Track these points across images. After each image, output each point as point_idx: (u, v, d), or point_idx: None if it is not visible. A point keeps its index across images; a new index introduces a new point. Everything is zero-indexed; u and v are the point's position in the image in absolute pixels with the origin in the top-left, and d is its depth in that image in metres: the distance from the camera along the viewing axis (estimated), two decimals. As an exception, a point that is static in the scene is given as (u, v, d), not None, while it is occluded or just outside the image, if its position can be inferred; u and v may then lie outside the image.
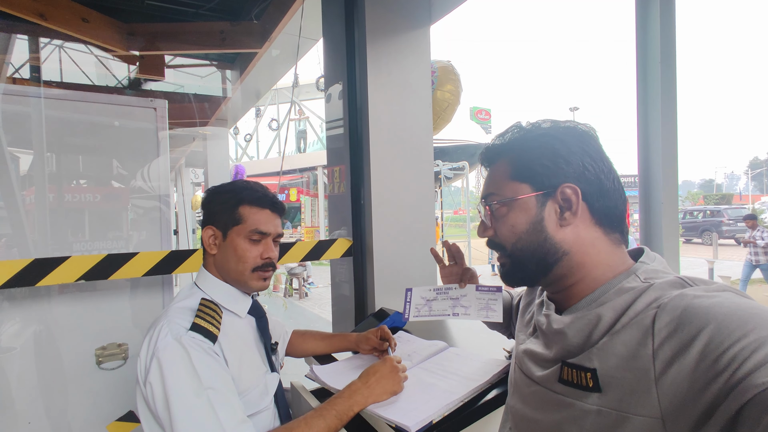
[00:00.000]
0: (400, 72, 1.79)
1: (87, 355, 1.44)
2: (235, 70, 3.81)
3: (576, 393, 0.57)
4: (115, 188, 1.55)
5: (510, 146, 0.67)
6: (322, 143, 17.75)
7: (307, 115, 17.35)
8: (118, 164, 1.56)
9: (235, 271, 1.02)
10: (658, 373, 0.48)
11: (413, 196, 1.81)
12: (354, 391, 0.99)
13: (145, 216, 1.55)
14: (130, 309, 1.52)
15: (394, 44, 1.79)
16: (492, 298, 0.88)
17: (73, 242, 1.45)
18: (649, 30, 1.92)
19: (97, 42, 2.73)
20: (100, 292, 1.49)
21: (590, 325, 0.58)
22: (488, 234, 0.69)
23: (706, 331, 0.46)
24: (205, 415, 0.84)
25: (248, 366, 1.02)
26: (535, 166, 0.62)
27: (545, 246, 0.62)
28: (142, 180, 1.54)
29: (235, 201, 1.02)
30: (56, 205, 1.46)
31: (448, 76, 1.99)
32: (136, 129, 1.54)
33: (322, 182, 14.14)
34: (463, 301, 0.92)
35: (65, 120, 1.47)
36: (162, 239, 1.55)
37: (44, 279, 1.25)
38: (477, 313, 0.87)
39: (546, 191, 0.62)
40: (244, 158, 19.02)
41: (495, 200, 0.66)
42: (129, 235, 1.53)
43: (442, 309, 0.90)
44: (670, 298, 0.51)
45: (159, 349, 0.88)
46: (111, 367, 1.47)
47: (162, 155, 1.56)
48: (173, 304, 0.99)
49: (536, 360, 0.67)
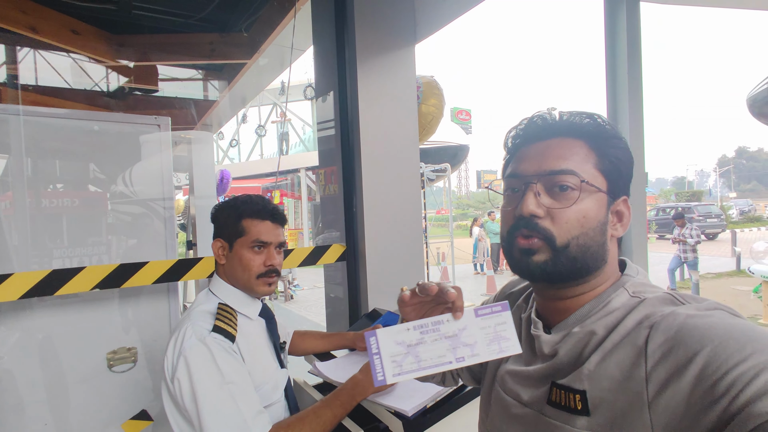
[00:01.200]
0: (388, 86, 1.93)
1: (99, 358, 1.53)
2: (223, 80, 3.87)
3: (564, 416, 0.55)
4: (121, 198, 1.64)
5: (588, 132, 0.59)
6: (305, 145, 17.74)
7: (289, 117, 17.31)
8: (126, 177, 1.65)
9: (242, 279, 1.13)
10: (651, 396, 0.47)
11: (402, 203, 1.94)
12: (356, 382, 1.12)
13: (151, 225, 1.65)
14: (139, 315, 1.61)
15: (382, 61, 1.92)
16: (500, 322, 0.60)
17: (92, 247, 1.55)
18: (617, 38, 2.12)
19: (88, 53, 2.78)
20: (110, 300, 1.57)
21: (581, 343, 0.56)
22: (539, 213, 0.57)
23: (703, 354, 0.44)
24: (228, 406, 0.96)
25: (261, 363, 1.13)
26: (619, 167, 0.59)
27: (602, 249, 0.58)
28: (146, 191, 1.64)
29: (237, 215, 1.13)
30: (76, 211, 1.56)
31: (432, 91, 2.13)
32: (142, 144, 1.64)
33: (305, 184, 14.16)
34: (465, 337, 0.60)
35: (72, 134, 1.55)
36: (167, 247, 1.65)
37: (62, 288, 1.34)
38: (487, 349, 0.59)
39: (613, 196, 0.59)
40: (225, 161, 18.84)
41: (575, 180, 0.56)
42: (136, 243, 1.62)
43: (438, 356, 0.58)
44: (662, 316, 0.50)
45: (185, 348, 0.98)
46: (121, 370, 1.56)
47: (165, 168, 1.66)
48: (194, 309, 1.10)
49: (522, 380, 0.64)
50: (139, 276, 1.45)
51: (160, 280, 1.48)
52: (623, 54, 2.13)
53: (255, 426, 0.96)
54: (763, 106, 7.94)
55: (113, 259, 1.57)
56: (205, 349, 0.98)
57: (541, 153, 0.60)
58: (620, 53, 2.14)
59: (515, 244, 0.59)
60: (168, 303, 1.65)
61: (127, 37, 2.95)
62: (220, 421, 0.94)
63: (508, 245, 0.61)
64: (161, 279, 1.48)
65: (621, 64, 2.13)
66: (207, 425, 0.93)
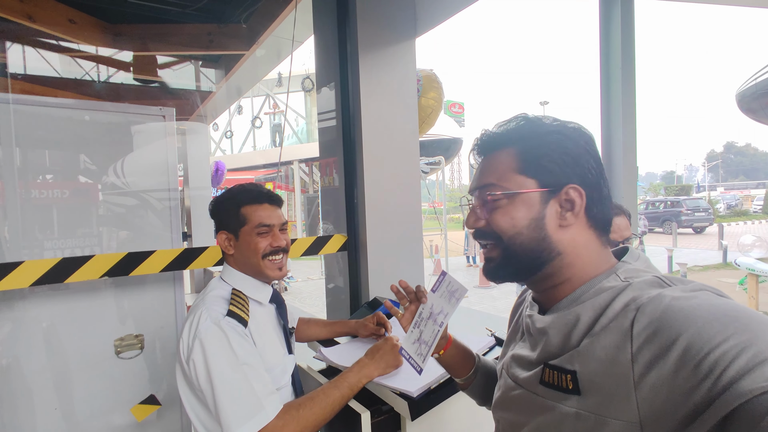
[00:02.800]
0: (389, 79, 1.96)
1: (107, 345, 1.56)
2: (220, 69, 3.86)
3: (556, 395, 0.57)
4: (124, 190, 1.66)
5: (517, 137, 0.64)
6: (298, 137, 17.65)
7: (282, 109, 17.20)
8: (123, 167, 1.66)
9: (252, 264, 1.16)
10: (637, 377, 0.48)
11: (402, 194, 1.98)
12: (362, 365, 1.16)
13: (158, 214, 1.67)
14: (145, 303, 1.64)
15: (384, 53, 1.95)
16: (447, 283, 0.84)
17: (96, 237, 1.58)
18: (611, 35, 2.17)
19: (85, 42, 2.76)
20: (117, 288, 1.60)
21: (569, 325, 0.57)
22: (479, 225, 0.65)
23: (686, 336, 0.45)
24: (243, 386, 0.99)
25: (271, 348, 1.17)
26: (545, 162, 0.61)
27: (542, 244, 0.61)
28: (152, 182, 1.66)
29: (235, 205, 1.16)
30: (80, 202, 1.58)
31: (431, 84, 2.16)
32: (147, 135, 1.65)
33: (298, 177, 14.13)
34: (435, 308, 0.85)
35: (77, 125, 1.56)
36: (173, 235, 1.68)
37: (72, 276, 1.36)
38: (449, 305, 0.82)
39: (551, 189, 0.61)
40: (218, 153, 18.70)
41: (497, 191, 0.63)
42: (142, 234, 1.65)
43: (432, 331, 0.83)
44: (648, 298, 0.51)
45: (201, 331, 1.02)
46: (129, 357, 1.59)
47: (170, 158, 1.68)
48: (207, 293, 1.13)
49: (522, 363, 0.67)
50: (146, 264, 1.48)
51: (167, 268, 1.51)
52: (617, 49, 2.19)
53: (269, 404, 0.99)
54: (752, 102, 8.08)
55: (119, 250, 1.59)
56: (220, 332, 1.02)
57: (477, 171, 0.68)
58: (614, 49, 2.20)
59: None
60: (174, 291, 1.68)
61: (124, 26, 2.94)
62: (235, 400, 0.97)
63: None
64: (168, 267, 1.51)
65: (615, 60, 2.19)
66: (221, 404, 0.97)
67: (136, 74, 3.14)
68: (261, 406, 0.98)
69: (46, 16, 2.53)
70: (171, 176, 1.69)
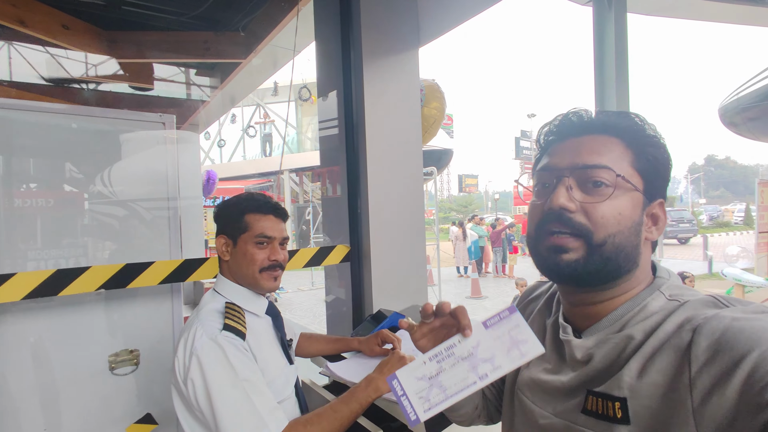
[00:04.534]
0: (393, 88, 1.94)
1: (100, 361, 1.48)
2: (215, 77, 3.83)
3: (601, 426, 0.52)
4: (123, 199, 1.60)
5: (628, 130, 0.58)
6: (288, 147, 17.60)
7: (272, 118, 17.16)
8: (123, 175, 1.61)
9: (246, 274, 1.12)
10: (696, 404, 0.45)
11: (406, 204, 1.95)
12: (370, 380, 1.12)
13: (157, 225, 1.62)
14: (141, 316, 1.57)
15: (388, 63, 1.93)
16: (512, 326, 0.58)
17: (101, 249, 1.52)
18: (606, 49, 2.19)
19: (79, 49, 2.71)
20: (112, 301, 1.53)
21: (618, 348, 0.53)
22: (571, 207, 0.55)
23: (750, 358, 0.42)
24: (243, 403, 0.95)
25: (271, 359, 1.13)
26: (657, 167, 0.56)
27: (634, 252, 0.55)
28: (152, 190, 1.61)
29: (239, 210, 1.13)
30: (64, 212, 1.51)
31: (434, 94, 2.16)
32: (146, 142, 1.60)
33: (288, 187, 14.05)
34: (481, 352, 0.59)
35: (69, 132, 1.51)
36: (171, 239, 1.62)
37: (66, 288, 1.30)
38: (508, 358, 0.57)
39: (650, 197, 0.56)
40: (207, 162, 18.53)
41: (614, 174, 0.54)
42: (140, 243, 1.59)
43: (461, 380, 0.58)
44: (705, 319, 0.47)
45: (197, 348, 0.97)
46: (123, 373, 1.52)
47: (170, 167, 1.63)
48: (201, 309, 1.08)
49: (551, 388, 0.60)
50: (144, 276, 1.42)
51: (166, 280, 1.45)
52: (611, 64, 2.20)
53: (271, 421, 0.95)
54: (734, 116, 8.29)
55: (117, 262, 1.53)
56: (217, 348, 0.97)
57: (575, 148, 0.58)
58: (608, 63, 2.22)
59: (544, 241, 0.57)
60: (171, 304, 1.62)
61: (119, 33, 2.90)
62: (236, 419, 0.93)
63: (535, 242, 0.59)
64: (167, 279, 1.46)
65: (609, 75, 2.21)
66: (222, 424, 0.92)
67: (131, 82, 3.08)
68: (264, 423, 0.94)
69: (39, 22, 2.48)
70: (171, 185, 1.63)
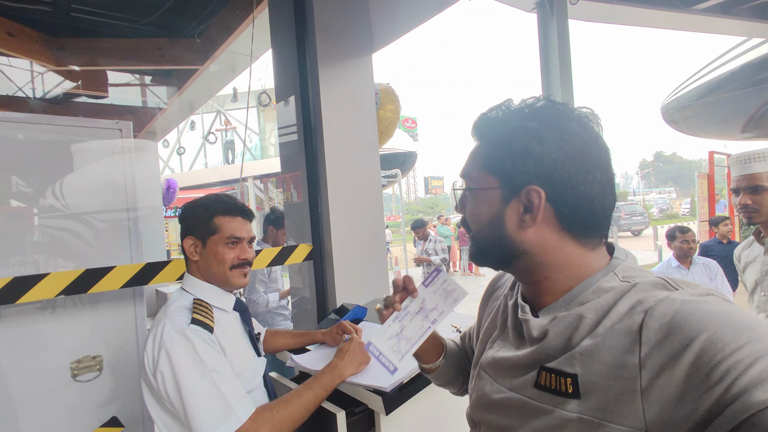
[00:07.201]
0: (348, 93, 2.03)
1: (62, 369, 1.47)
2: (172, 85, 3.78)
3: (554, 399, 0.54)
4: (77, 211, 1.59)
5: (490, 131, 0.63)
6: (252, 154, 17.33)
7: (234, 125, 16.86)
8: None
9: (217, 273, 1.18)
10: (644, 383, 0.47)
11: (365, 203, 2.04)
12: (333, 366, 1.20)
13: (117, 233, 1.62)
14: (103, 322, 1.57)
15: (342, 68, 2.02)
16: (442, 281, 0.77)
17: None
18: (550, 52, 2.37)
19: (25, 57, 2.64)
20: (72, 307, 1.52)
21: (571, 327, 0.55)
22: (459, 213, 0.68)
23: (698, 341, 0.44)
24: (212, 392, 1.00)
25: (239, 352, 1.18)
26: (506, 162, 0.59)
27: (503, 242, 0.60)
28: (111, 197, 1.61)
29: (209, 213, 1.18)
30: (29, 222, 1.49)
31: (389, 97, 2.26)
32: (101, 150, 1.61)
33: (253, 194, 13.83)
34: (428, 304, 0.77)
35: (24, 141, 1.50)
36: (132, 250, 1.63)
37: (25, 296, 1.30)
38: (446, 304, 0.76)
39: (512, 189, 0.59)
40: (166, 171, 17.95)
41: (463, 185, 0.65)
42: (102, 254, 1.59)
43: (420, 328, 0.76)
44: (656, 301, 0.49)
45: (165, 341, 1.01)
46: (86, 379, 1.51)
47: (128, 175, 1.64)
48: (169, 306, 1.13)
49: (508, 365, 0.63)
50: (106, 281, 1.43)
51: (128, 284, 1.47)
52: (556, 66, 2.39)
53: (239, 408, 1.00)
54: (674, 114, 8.91)
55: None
56: (185, 341, 1.02)
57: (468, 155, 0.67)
58: (553, 66, 2.41)
59: None
60: (134, 308, 1.62)
61: (68, 40, 2.83)
62: (205, 408, 0.97)
63: None
64: (129, 283, 1.47)
65: (554, 76, 2.39)
66: (192, 412, 0.96)
67: (83, 90, 3.01)
68: (232, 410, 0.99)
69: (-18, 29, 2.40)
70: (129, 195, 1.64)
